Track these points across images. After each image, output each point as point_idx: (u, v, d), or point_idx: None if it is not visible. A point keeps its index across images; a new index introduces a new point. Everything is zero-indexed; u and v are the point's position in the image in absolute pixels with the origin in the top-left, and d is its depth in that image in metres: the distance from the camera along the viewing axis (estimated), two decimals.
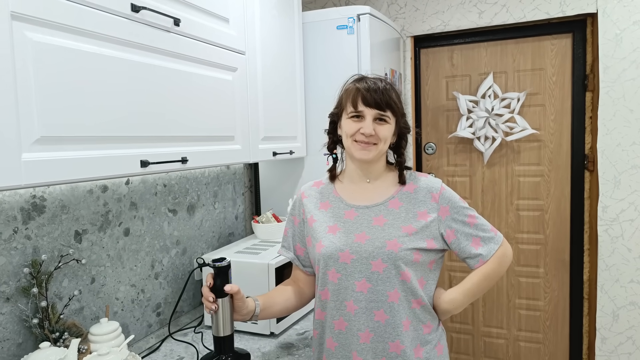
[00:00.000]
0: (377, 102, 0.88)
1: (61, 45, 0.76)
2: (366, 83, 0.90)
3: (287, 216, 1.06)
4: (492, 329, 2.22)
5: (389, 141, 0.93)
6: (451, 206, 0.92)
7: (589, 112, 1.97)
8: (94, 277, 1.12)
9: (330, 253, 0.90)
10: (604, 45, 1.82)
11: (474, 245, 0.92)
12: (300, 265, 1.02)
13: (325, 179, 1.02)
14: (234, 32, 1.23)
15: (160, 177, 1.34)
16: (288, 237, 1.04)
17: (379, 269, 0.87)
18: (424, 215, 0.91)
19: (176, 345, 1.22)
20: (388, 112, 0.90)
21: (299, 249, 1.02)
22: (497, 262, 0.93)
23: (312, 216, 0.97)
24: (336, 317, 0.91)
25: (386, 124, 0.91)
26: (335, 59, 1.63)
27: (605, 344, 1.93)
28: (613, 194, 1.87)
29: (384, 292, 0.87)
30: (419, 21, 2.12)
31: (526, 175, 2.10)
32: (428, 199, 0.92)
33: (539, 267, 2.12)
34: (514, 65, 2.07)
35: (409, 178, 0.95)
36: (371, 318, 0.87)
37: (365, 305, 0.87)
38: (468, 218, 0.93)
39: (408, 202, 0.92)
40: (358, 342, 0.88)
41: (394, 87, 0.92)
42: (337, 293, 0.90)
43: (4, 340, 0.92)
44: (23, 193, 0.96)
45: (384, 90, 0.89)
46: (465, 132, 2.11)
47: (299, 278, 1.04)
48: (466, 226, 0.92)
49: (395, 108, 0.91)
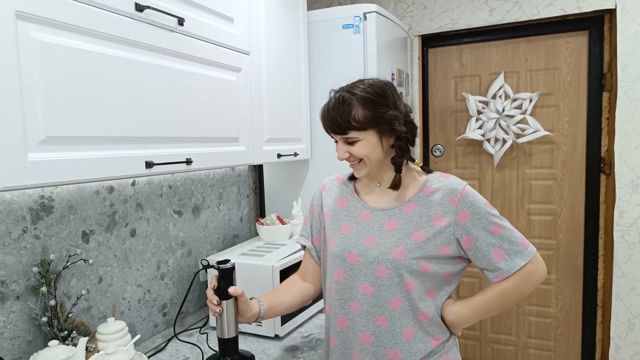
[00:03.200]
0: (332, 129, 0.85)
1: (66, 45, 0.76)
2: (325, 106, 0.86)
3: (309, 207, 1.06)
4: (500, 335, 2.17)
5: (375, 153, 0.85)
6: (473, 211, 0.83)
7: (605, 113, 1.92)
8: (101, 277, 1.13)
9: (339, 252, 0.90)
10: (622, 43, 1.76)
11: (495, 257, 0.83)
12: (315, 255, 1.01)
13: (345, 175, 1.01)
14: (239, 32, 1.23)
15: (165, 179, 1.35)
16: (307, 226, 1.04)
17: (382, 275, 0.85)
18: (438, 219, 0.84)
19: (182, 346, 1.23)
20: (351, 132, 0.83)
21: (316, 240, 1.02)
22: (520, 280, 0.83)
23: (329, 211, 0.96)
24: (339, 315, 0.90)
25: (357, 141, 0.84)
26: (341, 59, 1.61)
27: (619, 353, 1.87)
28: (631, 198, 1.81)
29: (386, 299, 0.85)
30: (427, 20, 2.09)
31: (538, 178, 2.05)
32: (446, 201, 0.84)
33: (551, 274, 2.06)
34: (526, 64, 2.02)
35: (429, 180, 0.88)
36: (373, 322, 0.86)
37: (368, 309, 0.86)
38: (493, 226, 0.83)
39: (423, 205, 0.86)
40: (358, 342, 0.88)
41: (364, 92, 0.82)
42: (342, 292, 0.90)
43: (15, 338, 0.94)
44: (32, 193, 0.97)
45: (336, 114, 0.82)
46: (474, 134, 2.07)
47: (308, 271, 1.03)
48: (489, 235, 0.83)
49: (358, 124, 0.81)
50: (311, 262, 1.03)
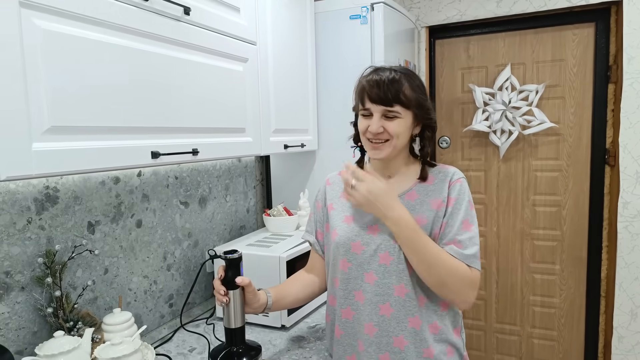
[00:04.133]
0: (382, 98, 0.84)
1: (70, 33, 0.75)
2: (374, 76, 0.86)
3: (312, 202, 1.07)
4: (505, 325, 2.19)
5: (405, 135, 0.88)
6: (457, 200, 0.86)
7: (611, 105, 1.90)
8: (107, 268, 1.13)
9: (343, 242, 0.90)
10: (628, 35, 1.74)
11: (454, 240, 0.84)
12: (319, 250, 1.03)
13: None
14: (245, 22, 1.21)
15: (171, 169, 1.34)
16: (311, 222, 1.05)
17: (386, 261, 0.86)
18: (437, 204, 0.87)
19: (188, 336, 1.23)
20: (396, 106, 0.84)
21: (319, 234, 1.02)
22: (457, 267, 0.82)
23: (332, 204, 0.98)
24: (344, 305, 0.91)
25: (397, 118, 0.85)
26: (347, 49, 1.60)
27: (622, 342, 1.88)
28: (635, 189, 1.80)
29: (390, 286, 0.86)
30: (434, 11, 2.06)
31: (544, 170, 2.04)
32: (444, 186, 0.88)
33: (555, 264, 2.07)
34: (532, 56, 2.00)
35: (431, 173, 0.91)
36: (376, 312, 0.87)
37: (372, 298, 0.87)
38: (466, 222, 0.85)
39: (425, 194, 0.90)
40: (363, 333, 0.88)
41: (410, 77, 0.87)
42: (347, 282, 0.90)
43: (20, 329, 0.94)
44: (36, 184, 0.96)
45: (389, 84, 0.83)
46: (480, 126, 2.06)
47: (315, 266, 1.04)
48: (460, 225, 0.84)
49: (406, 101, 0.84)
50: (316, 256, 1.04)
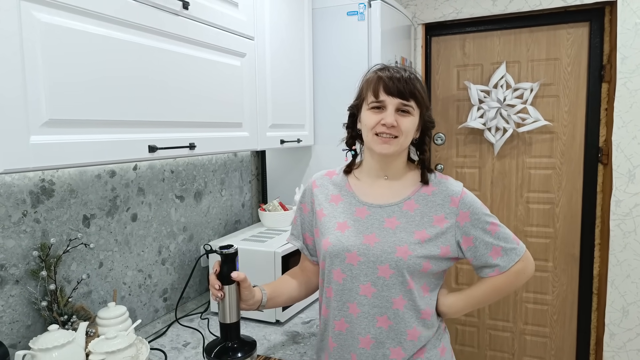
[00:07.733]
0: (400, 91, 0.83)
1: (69, 26, 0.74)
2: (389, 72, 0.85)
3: (297, 204, 1.03)
4: (497, 322, 2.21)
5: (412, 135, 0.87)
6: (472, 212, 0.85)
7: (604, 104, 1.92)
8: (101, 262, 1.12)
9: (337, 252, 0.86)
10: (622, 35, 1.76)
11: (492, 255, 0.86)
12: (308, 254, 1.00)
13: (339, 169, 0.98)
14: (243, 17, 1.21)
15: (167, 163, 1.33)
16: (297, 225, 1.00)
17: (385, 274, 0.83)
18: (440, 221, 0.85)
19: (182, 331, 1.23)
20: (412, 102, 0.84)
21: (308, 238, 0.99)
22: (513, 276, 0.87)
23: (322, 209, 0.93)
24: (337, 317, 0.87)
25: (409, 115, 0.85)
26: (345, 46, 1.60)
27: (613, 339, 1.91)
28: (627, 188, 1.83)
29: (389, 299, 0.83)
30: (430, 8, 2.07)
31: (537, 167, 2.06)
32: (447, 202, 0.86)
33: (548, 261, 2.09)
34: (527, 54, 2.02)
35: (430, 179, 0.90)
36: (373, 324, 0.84)
37: (369, 310, 0.84)
38: (489, 225, 0.86)
39: (425, 205, 0.86)
40: (357, 346, 0.85)
41: (419, 77, 0.87)
42: (341, 293, 0.87)
43: (14, 322, 0.93)
44: (32, 176, 0.96)
45: (407, 79, 0.84)
46: (475, 123, 2.08)
47: (306, 267, 1.01)
48: (487, 234, 0.85)
49: (420, 99, 0.85)
50: (306, 260, 1.01)
